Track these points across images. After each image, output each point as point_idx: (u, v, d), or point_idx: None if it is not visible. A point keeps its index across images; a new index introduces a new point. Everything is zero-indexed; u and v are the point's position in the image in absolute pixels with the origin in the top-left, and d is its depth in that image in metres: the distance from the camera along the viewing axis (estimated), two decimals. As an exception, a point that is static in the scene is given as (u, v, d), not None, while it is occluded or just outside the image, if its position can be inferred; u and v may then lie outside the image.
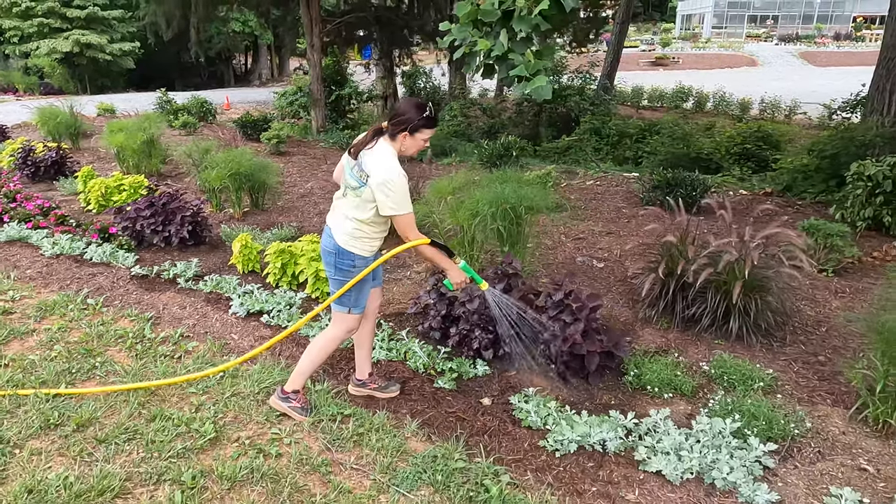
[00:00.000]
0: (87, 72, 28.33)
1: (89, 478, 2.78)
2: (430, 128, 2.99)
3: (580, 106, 15.09)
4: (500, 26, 3.32)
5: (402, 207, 2.94)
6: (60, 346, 4.02)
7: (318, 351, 3.26)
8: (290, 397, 3.30)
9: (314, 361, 3.28)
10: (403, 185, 2.92)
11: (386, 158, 2.95)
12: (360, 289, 3.15)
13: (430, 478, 2.86)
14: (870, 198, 6.26)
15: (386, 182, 2.89)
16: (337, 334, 3.24)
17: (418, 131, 2.96)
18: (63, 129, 11.13)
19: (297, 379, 3.30)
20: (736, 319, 4.07)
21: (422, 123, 2.94)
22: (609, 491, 2.84)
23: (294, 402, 3.29)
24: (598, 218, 7.05)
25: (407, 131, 2.95)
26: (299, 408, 3.29)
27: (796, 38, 45.72)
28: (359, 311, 3.19)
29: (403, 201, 2.94)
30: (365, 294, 3.20)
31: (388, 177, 2.90)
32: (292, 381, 3.31)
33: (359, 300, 3.17)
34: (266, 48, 36.92)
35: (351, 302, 3.16)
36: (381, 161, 2.94)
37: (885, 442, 3.14)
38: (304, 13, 13.43)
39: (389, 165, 2.92)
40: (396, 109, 3.02)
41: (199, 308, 4.67)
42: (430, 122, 2.97)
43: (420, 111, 2.93)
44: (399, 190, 2.91)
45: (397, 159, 2.97)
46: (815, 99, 17.50)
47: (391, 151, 2.98)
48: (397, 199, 2.91)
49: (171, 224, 5.91)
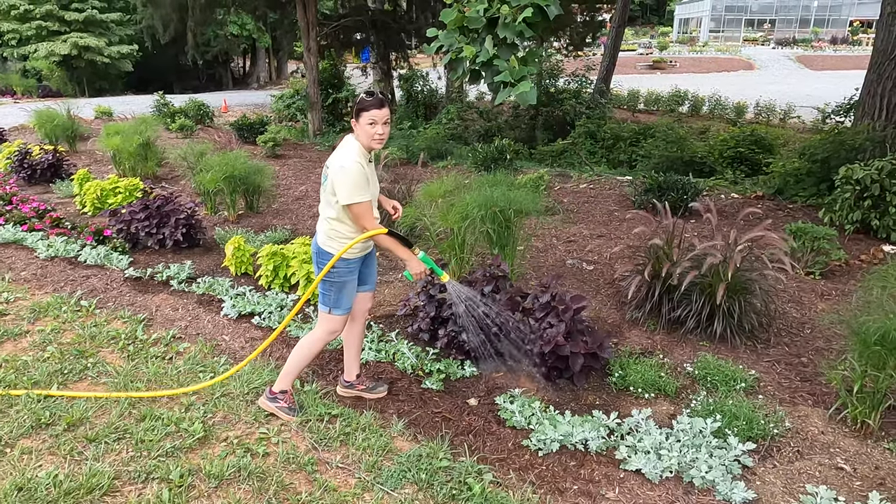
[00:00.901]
0: (86, 74, 28.40)
1: (79, 476, 2.83)
2: (374, 108, 2.92)
3: (576, 109, 15.17)
4: (485, 33, 3.38)
5: (355, 195, 2.93)
6: (53, 347, 4.06)
7: (303, 352, 3.29)
8: (277, 397, 3.34)
9: (299, 363, 3.32)
10: (356, 171, 2.92)
11: (343, 149, 3.00)
12: (339, 290, 3.14)
13: (414, 476, 2.91)
14: (858, 201, 6.32)
15: (339, 170, 2.93)
16: (320, 335, 3.26)
17: (360, 115, 2.94)
18: (60, 132, 11.19)
19: (284, 379, 3.34)
20: (720, 321, 4.13)
21: (362, 105, 2.93)
22: (590, 489, 2.89)
23: (281, 402, 3.33)
24: (590, 221, 7.11)
25: (353, 116, 2.98)
26: (286, 407, 3.33)
27: (793, 41, 45.88)
28: (340, 312, 3.19)
29: (355, 189, 2.93)
30: (346, 296, 3.18)
31: (340, 163, 2.94)
32: (279, 382, 3.36)
33: (339, 301, 3.16)
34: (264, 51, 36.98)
35: (331, 302, 3.16)
36: (338, 151, 3.01)
37: (862, 441, 3.20)
38: (300, 17, 13.50)
39: (344, 153, 2.96)
40: None
41: (191, 310, 4.72)
42: (373, 101, 2.91)
43: (364, 95, 2.96)
44: (351, 176, 2.91)
45: (361, 151, 2.98)
46: (811, 103, 17.61)
47: (354, 144, 3.00)
48: (349, 186, 2.92)
49: (165, 226, 5.96)
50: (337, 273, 3.10)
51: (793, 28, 51.26)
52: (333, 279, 3.12)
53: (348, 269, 3.13)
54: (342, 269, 3.11)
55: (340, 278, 3.12)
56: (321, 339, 3.27)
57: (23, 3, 26.82)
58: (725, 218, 6.60)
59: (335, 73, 15.42)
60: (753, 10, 53.04)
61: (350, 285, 3.19)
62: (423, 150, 10.81)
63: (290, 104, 16.41)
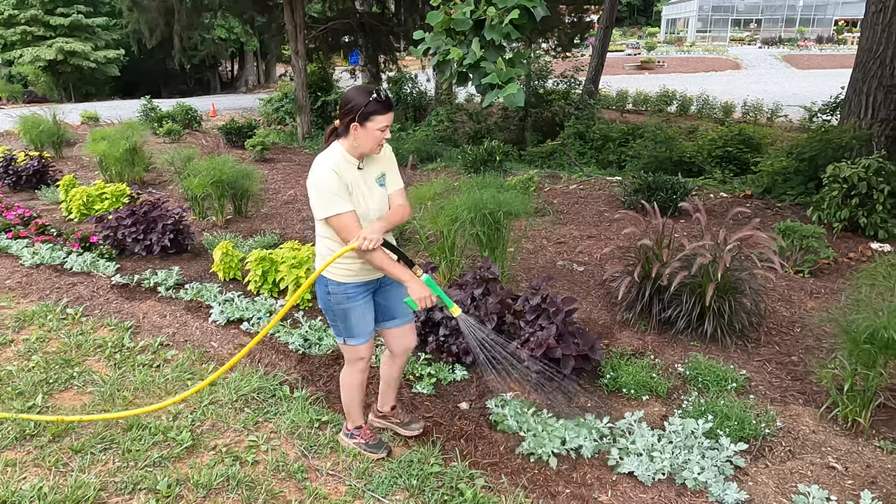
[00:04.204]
0: (72, 79, 28.20)
1: (64, 488, 2.79)
2: (383, 112, 2.55)
3: (565, 110, 15.21)
4: (472, 35, 3.37)
5: (330, 207, 2.56)
6: (38, 357, 4.01)
7: (345, 390, 3.04)
8: (353, 434, 3.13)
9: (350, 400, 3.06)
10: (329, 180, 2.55)
11: (323, 156, 2.64)
12: (344, 318, 2.79)
13: (405, 482, 2.88)
14: (845, 199, 6.35)
15: (311, 181, 2.60)
16: (347, 368, 2.98)
17: (368, 119, 2.53)
18: (46, 138, 11.09)
19: (350, 416, 3.12)
20: (710, 321, 4.13)
21: (371, 109, 2.52)
22: (582, 493, 2.87)
23: (358, 438, 3.11)
24: (580, 222, 7.11)
25: (356, 121, 2.54)
26: (363, 444, 3.09)
27: (779, 41, 46.22)
28: (357, 341, 2.84)
29: (330, 200, 2.56)
30: (355, 323, 2.80)
31: (312, 174, 2.60)
32: (348, 419, 3.13)
33: (349, 329, 2.81)
34: (252, 55, 36.87)
35: (342, 332, 2.84)
36: (318, 159, 2.64)
37: (853, 440, 3.20)
38: (288, 20, 13.45)
39: (321, 161, 2.61)
40: (342, 100, 2.62)
41: (179, 316, 4.67)
42: (382, 105, 2.53)
43: (367, 95, 2.53)
44: (324, 187, 2.56)
45: (346, 158, 2.63)
46: (797, 101, 17.74)
47: (339, 150, 2.63)
48: (321, 197, 2.56)
49: (152, 232, 5.91)
50: (335, 300, 2.76)
51: (779, 28, 51.63)
52: (334, 307, 2.78)
53: (346, 296, 2.75)
54: (339, 296, 2.75)
55: (340, 305, 2.76)
56: (351, 370, 2.97)
57: (7, 7, 26.60)
58: (714, 217, 6.62)
59: (324, 76, 15.39)
60: (740, 10, 53.39)
61: (355, 312, 2.79)
62: (413, 152, 10.79)
63: (278, 108, 16.36)
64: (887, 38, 7.49)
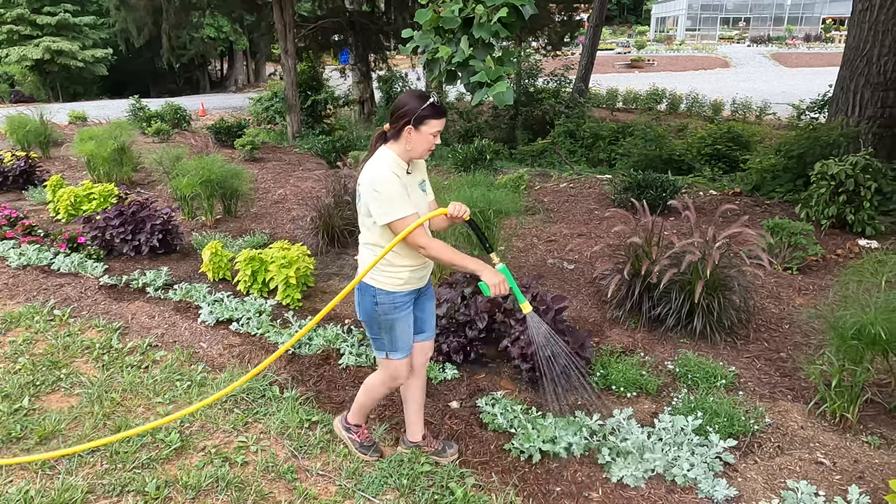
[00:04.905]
0: (59, 79, 27.98)
1: (51, 491, 2.76)
2: (438, 118, 2.55)
3: (555, 109, 15.24)
4: (461, 33, 3.36)
5: (396, 211, 2.51)
6: (25, 359, 3.97)
7: (366, 393, 2.97)
8: (350, 428, 3.10)
9: (364, 403, 3.02)
10: (393, 183, 2.52)
11: (376, 160, 2.60)
12: (389, 330, 2.71)
13: (395, 482, 2.87)
14: (833, 196, 6.40)
15: (371, 182, 2.53)
16: (382, 379, 2.89)
17: (423, 123, 2.53)
18: (33, 138, 10.98)
19: (356, 413, 3.07)
20: (700, 318, 4.14)
21: (426, 113, 2.52)
22: (573, 490, 2.88)
23: (354, 435, 3.09)
24: (570, 220, 7.12)
25: (411, 124, 2.53)
26: (357, 442, 3.08)
27: (768, 39, 46.52)
28: (400, 355, 2.77)
29: (396, 204, 2.51)
30: (401, 336, 2.74)
31: (372, 176, 2.54)
32: (352, 414, 3.09)
33: (395, 343, 2.74)
34: (242, 54, 36.72)
35: (386, 346, 2.75)
36: (371, 163, 2.60)
37: (841, 435, 3.22)
38: (277, 19, 13.39)
39: (377, 164, 2.56)
40: (394, 105, 2.61)
41: (168, 317, 4.64)
42: (437, 110, 2.55)
43: (422, 100, 2.53)
44: (389, 189, 2.50)
45: (398, 162, 2.60)
46: (786, 99, 17.84)
47: (390, 155, 2.60)
48: (385, 200, 2.50)
49: (140, 232, 5.87)
50: (382, 310, 2.67)
51: (767, 26, 51.98)
52: (380, 319, 2.69)
53: (394, 306, 2.68)
54: (387, 305, 2.67)
55: (387, 316, 2.68)
56: (383, 382, 2.89)
57: (-7, 7, 26.40)
58: (704, 215, 6.65)
59: (313, 74, 15.30)
60: (729, 9, 53.71)
61: (402, 323, 2.73)
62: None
63: (268, 107, 16.28)
64: (874, 36, 7.54)
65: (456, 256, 2.59)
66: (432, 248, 2.57)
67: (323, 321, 4.52)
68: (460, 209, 2.59)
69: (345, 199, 6.16)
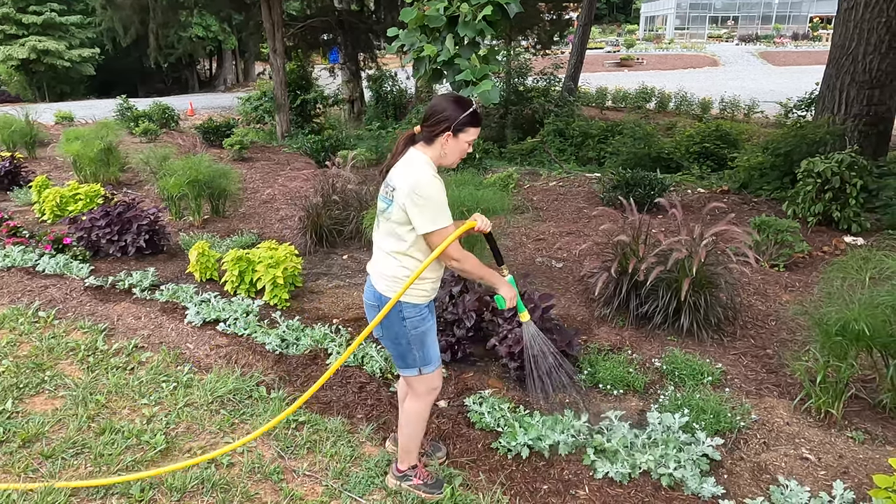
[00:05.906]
0: (46, 79, 27.74)
1: (34, 494, 2.73)
2: (477, 126, 2.47)
3: (545, 107, 15.24)
4: (446, 31, 3.35)
5: (440, 219, 2.38)
6: (9, 361, 3.93)
7: (413, 423, 2.76)
8: (407, 475, 2.82)
9: (413, 436, 2.79)
10: (440, 190, 2.39)
11: (415, 164, 2.44)
12: (420, 343, 2.59)
13: (382, 482, 2.86)
14: (819, 194, 6.44)
15: (415, 188, 2.36)
16: (419, 401, 2.72)
17: (462, 131, 2.42)
18: (18, 138, 10.87)
19: (406, 456, 2.82)
20: (687, 316, 4.16)
21: (466, 121, 2.41)
22: (560, 489, 2.88)
23: (414, 479, 2.80)
24: (559, 218, 7.13)
25: (450, 131, 2.41)
26: (422, 485, 2.79)
27: (756, 38, 46.78)
28: (432, 367, 2.65)
29: (441, 212, 2.38)
30: (431, 345, 2.64)
31: (416, 181, 2.37)
32: (402, 460, 2.83)
33: (426, 354, 2.62)
34: (230, 53, 36.53)
35: (419, 361, 2.62)
36: (409, 167, 2.44)
37: (826, 431, 3.24)
38: (265, 18, 13.33)
39: (418, 169, 2.41)
40: (431, 109, 2.46)
41: (154, 318, 4.61)
42: (477, 118, 2.45)
43: (463, 107, 2.41)
44: (436, 196, 2.37)
45: (434, 167, 2.47)
46: (773, 97, 17.95)
47: (424, 158, 2.46)
48: (432, 207, 2.36)
49: (127, 233, 5.82)
50: (411, 324, 2.55)
51: (755, 25, 52.29)
52: (410, 335, 2.56)
53: (421, 318, 2.57)
54: (416, 319, 2.55)
55: (417, 329, 2.56)
56: (425, 403, 2.74)
57: (-22, 6, 26.13)
58: (691, 213, 6.67)
59: (303, 74, 15.24)
60: (717, 8, 53.98)
61: (431, 334, 2.64)
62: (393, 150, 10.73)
63: (257, 106, 16.19)
64: (859, 35, 7.60)
65: (484, 271, 2.55)
66: (467, 261, 2.49)
67: (311, 321, 4.51)
68: (485, 222, 2.59)
69: (333, 199, 6.14)
